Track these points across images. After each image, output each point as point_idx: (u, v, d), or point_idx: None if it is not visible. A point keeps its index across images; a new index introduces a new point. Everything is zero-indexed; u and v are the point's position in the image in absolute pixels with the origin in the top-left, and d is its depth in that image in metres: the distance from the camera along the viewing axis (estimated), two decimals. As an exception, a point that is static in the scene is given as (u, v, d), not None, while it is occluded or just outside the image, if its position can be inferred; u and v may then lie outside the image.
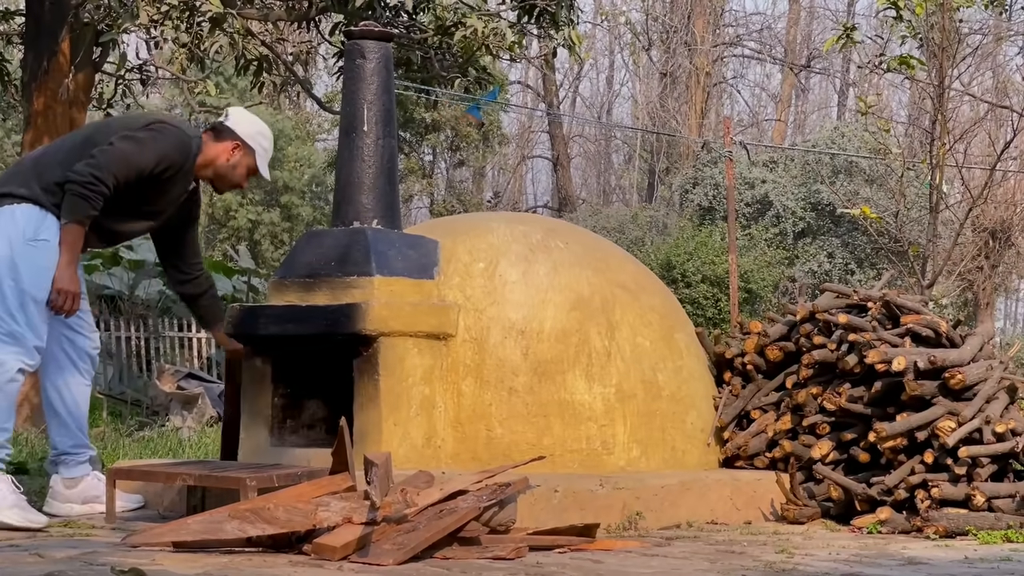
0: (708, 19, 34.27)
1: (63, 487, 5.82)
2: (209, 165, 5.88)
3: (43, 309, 5.49)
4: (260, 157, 5.95)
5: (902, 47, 13.75)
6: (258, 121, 6.04)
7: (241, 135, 5.90)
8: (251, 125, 5.97)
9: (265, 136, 6.00)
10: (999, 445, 6.46)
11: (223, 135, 5.90)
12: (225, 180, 5.96)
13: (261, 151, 5.95)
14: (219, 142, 5.89)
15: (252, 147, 5.92)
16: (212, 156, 5.87)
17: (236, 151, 5.90)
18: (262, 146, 5.96)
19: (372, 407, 6.00)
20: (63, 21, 11.19)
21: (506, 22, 11.56)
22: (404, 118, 27.32)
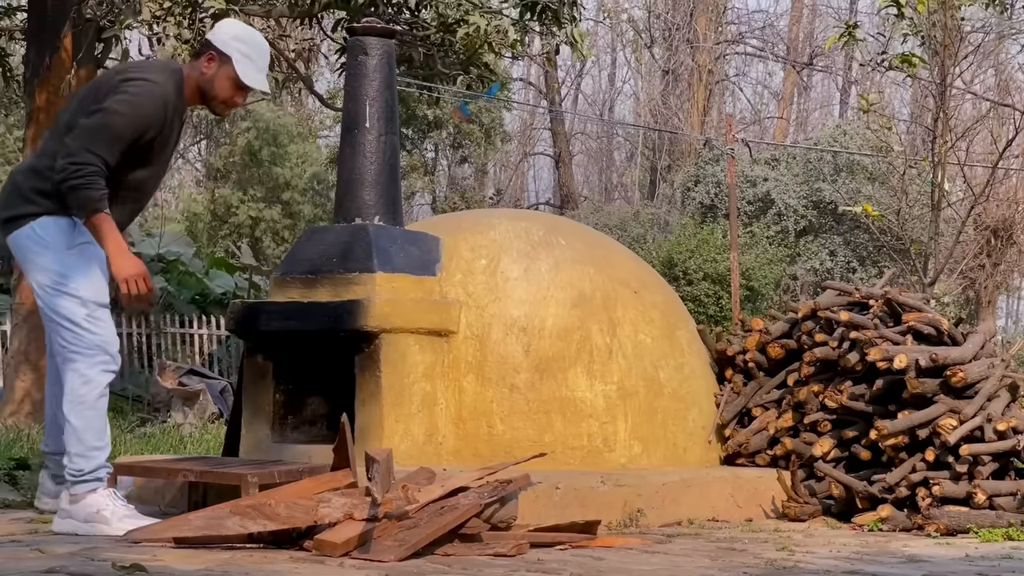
0: (710, 16, 34.25)
1: (51, 482, 5.74)
2: (193, 88, 5.43)
3: (108, 310, 5.33)
4: (240, 63, 5.37)
5: (904, 45, 13.74)
6: (236, 24, 5.60)
7: (214, 42, 5.41)
8: (225, 30, 5.49)
9: (241, 39, 5.44)
10: (1000, 443, 6.46)
11: (200, 51, 5.47)
12: (212, 98, 5.45)
13: (239, 56, 5.38)
14: (196, 60, 5.45)
15: (227, 53, 5.38)
16: (193, 76, 5.42)
17: (211, 62, 5.39)
18: (239, 51, 5.39)
19: (374, 403, 6.01)
20: (66, 17, 11.20)
21: (509, 19, 11.57)
22: (406, 115, 27.32)
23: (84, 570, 4.19)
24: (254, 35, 5.55)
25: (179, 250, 21.05)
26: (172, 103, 5.36)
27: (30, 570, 4.16)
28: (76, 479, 5.29)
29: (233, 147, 29.48)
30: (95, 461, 5.31)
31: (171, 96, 5.35)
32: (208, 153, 33.05)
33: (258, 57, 5.47)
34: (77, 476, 5.29)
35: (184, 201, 31.50)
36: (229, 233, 28.24)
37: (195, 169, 35.18)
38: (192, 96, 5.47)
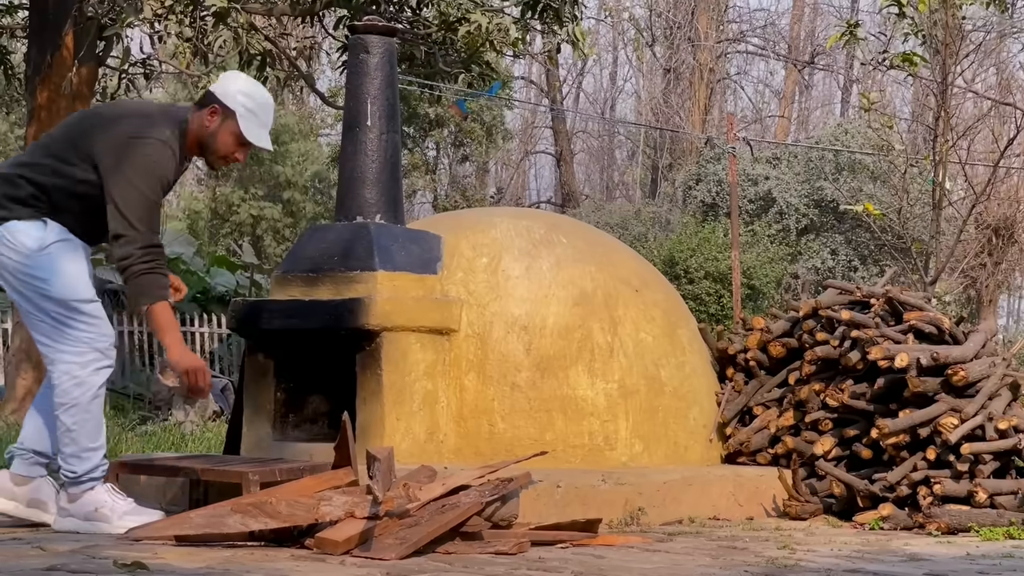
0: (712, 15, 34.25)
1: (10, 482, 5.59)
2: (194, 140, 5.31)
3: (96, 305, 5.23)
4: (244, 119, 5.24)
5: (905, 44, 13.74)
6: (242, 78, 5.38)
7: (218, 95, 5.26)
8: (231, 83, 5.32)
9: (247, 94, 5.29)
10: (1001, 442, 6.46)
11: (203, 101, 5.32)
12: (212, 152, 5.34)
13: (243, 111, 5.25)
14: (199, 111, 5.30)
15: (231, 108, 5.24)
16: (195, 129, 5.29)
17: (214, 116, 5.26)
18: (244, 106, 5.25)
19: (375, 402, 6.01)
20: (67, 15, 11.20)
21: (510, 18, 11.57)
22: (408, 113, 27.32)
23: (85, 568, 4.19)
24: (260, 90, 5.40)
25: (180, 248, 21.04)
26: (178, 156, 5.29)
27: (31, 568, 4.16)
28: (72, 480, 5.26)
29: (234, 145, 29.43)
30: (90, 462, 5.25)
31: (177, 150, 5.27)
32: (209, 151, 32.99)
33: (263, 113, 5.34)
34: (72, 478, 5.26)
35: (185, 199, 31.49)
36: (230, 231, 28.25)
37: (196, 167, 35.16)
38: (192, 147, 5.36)
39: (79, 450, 5.24)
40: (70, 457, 5.25)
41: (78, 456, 5.24)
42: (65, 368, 5.20)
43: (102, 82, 13.26)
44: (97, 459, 5.29)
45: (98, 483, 5.29)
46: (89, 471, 5.26)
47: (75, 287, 5.22)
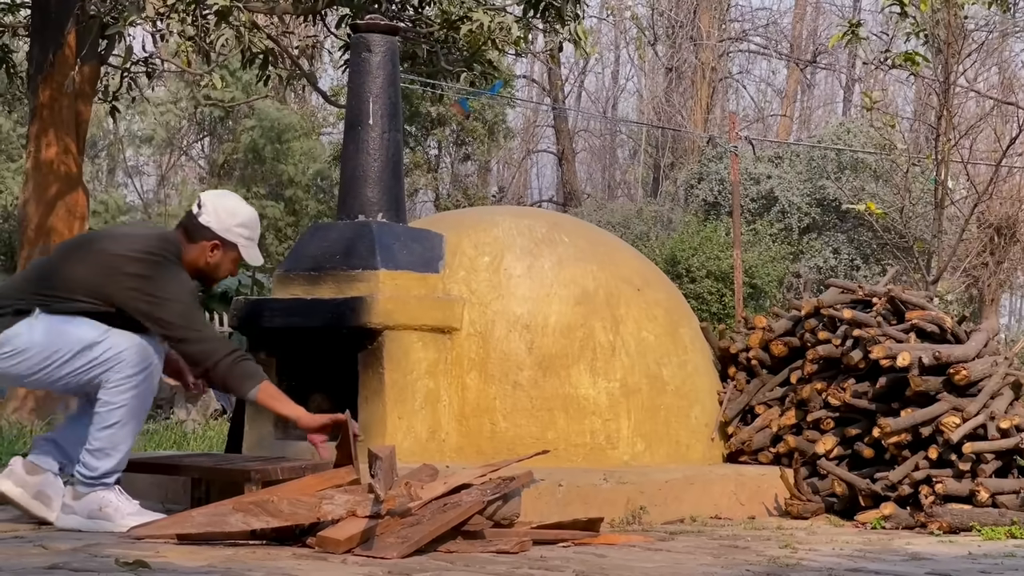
0: (714, 14, 34.26)
1: (23, 470, 5.62)
2: (191, 269, 5.43)
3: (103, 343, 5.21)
4: (244, 248, 5.44)
5: (907, 43, 13.73)
6: (233, 208, 5.48)
7: (217, 232, 5.39)
8: (227, 217, 5.43)
9: (244, 224, 5.46)
10: (1003, 441, 6.46)
11: (197, 235, 5.40)
12: (211, 279, 5.51)
13: (243, 241, 5.43)
14: (195, 243, 5.39)
15: (232, 242, 5.41)
16: (191, 260, 5.40)
17: (215, 251, 5.40)
18: (243, 236, 5.44)
19: (376, 400, 6.01)
20: (69, 14, 11.20)
21: (512, 17, 11.57)
22: (410, 112, 27.32)
23: (87, 566, 4.19)
24: (250, 214, 5.53)
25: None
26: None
27: (33, 566, 4.16)
28: (86, 479, 5.26)
29: (237, 144, 29.51)
30: (112, 460, 5.23)
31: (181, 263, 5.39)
32: (211, 150, 33.06)
33: (257, 234, 5.54)
34: (88, 476, 5.26)
35: (187, 198, 31.51)
36: (233, 230, 28.22)
37: (198, 166, 35.20)
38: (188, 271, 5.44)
39: (110, 446, 5.24)
40: (96, 452, 5.24)
41: (106, 453, 5.24)
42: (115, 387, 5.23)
43: (104, 81, 13.27)
44: (119, 460, 5.29)
45: (109, 486, 5.29)
46: (108, 472, 5.25)
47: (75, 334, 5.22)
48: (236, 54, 12.34)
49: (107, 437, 5.23)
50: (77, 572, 4.07)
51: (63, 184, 11.36)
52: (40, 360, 5.22)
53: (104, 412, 5.21)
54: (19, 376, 5.33)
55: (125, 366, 5.21)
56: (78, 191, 11.51)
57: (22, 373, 5.29)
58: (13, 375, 5.32)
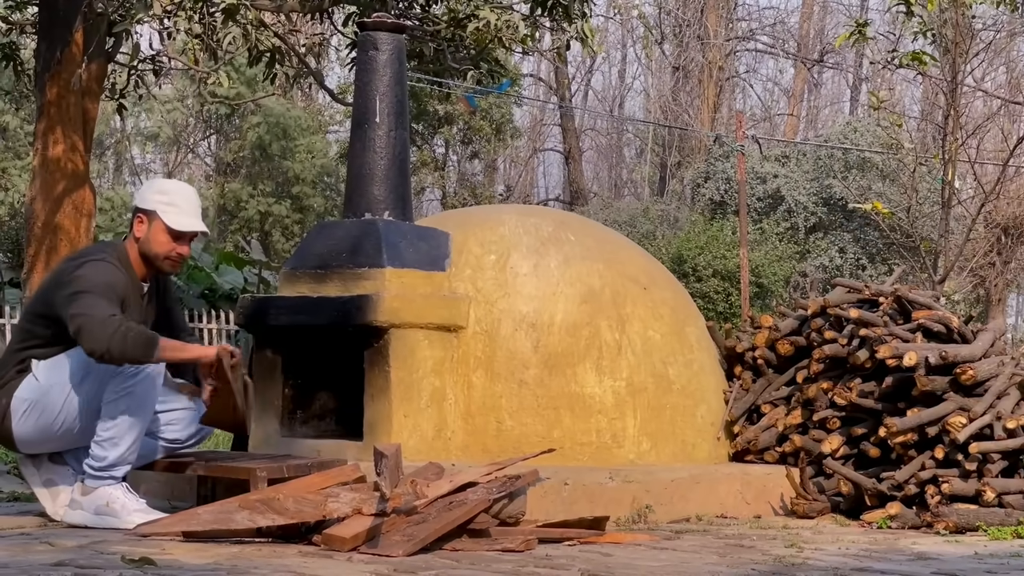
0: (721, 13, 34.22)
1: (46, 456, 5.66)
2: (137, 258, 5.47)
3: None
4: (165, 213, 5.41)
5: (915, 43, 13.73)
6: (156, 181, 5.65)
7: (139, 205, 5.47)
8: (148, 189, 5.53)
9: (161, 191, 5.51)
10: (1010, 441, 6.45)
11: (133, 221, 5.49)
12: (151, 257, 5.45)
13: (162, 207, 5.41)
14: (131, 229, 5.49)
15: (151, 209, 5.41)
16: (133, 247, 5.47)
17: (141, 224, 5.42)
18: (160, 202, 5.43)
19: (383, 399, 6.01)
20: (77, 11, 11.20)
21: (519, 15, 11.56)
22: (417, 110, 27.32)
23: (93, 563, 4.20)
24: (174, 183, 5.62)
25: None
26: (121, 276, 5.39)
27: (39, 563, 4.17)
28: (95, 470, 5.28)
29: (243, 141, 29.52)
30: (120, 448, 5.27)
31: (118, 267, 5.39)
32: (218, 147, 33.09)
33: (184, 202, 5.49)
34: (97, 467, 5.28)
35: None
36: (238, 228, 28.28)
37: (204, 163, 35.23)
38: (139, 265, 5.49)
39: (117, 436, 5.26)
40: (105, 442, 5.27)
41: (114, 442, 5.26)
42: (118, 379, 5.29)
43: (111, 78, 13.27)
44: (126, 449, 5.30)
45: (117, 481, 5.31)
46: (115, 462, 5.27)
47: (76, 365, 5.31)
48: (243, 52, 12.35)
49: (115, 426, 5.26)
50: (83, 569, 4.08)
51: (70, 181, 11.37)
52: (57, 398, 5.31)
53: (111, 402, 5.24)
54: (46, 431, 5.37)
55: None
56: (85, 188, 11.52)
57: (46, 425, 5.34)
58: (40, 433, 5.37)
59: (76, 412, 5.31)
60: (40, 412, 5.29)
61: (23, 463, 5.53)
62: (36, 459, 5.47)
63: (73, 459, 5.49)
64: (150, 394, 5.31)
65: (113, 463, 5.28)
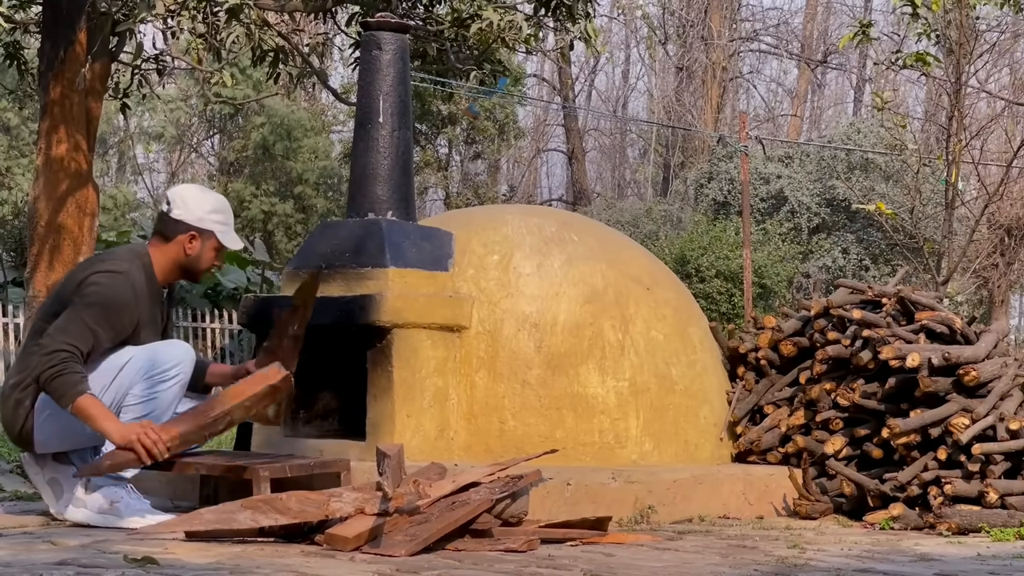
0: (724, 13, 34.24)
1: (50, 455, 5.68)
2: (172, 269, 5.53)
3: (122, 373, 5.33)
4: (221, 234, 5.54)
5: (918, 43, 13.73)
6: (204, 197, 5.60)
7: (191, 223, 5.49)
8: (198, 206, 5.53)
9: (217, 210, 5.57)
10: (1013, 442, 6.45)
11: (173, 231, 5.50)
12: (196, 271, 5.57)
13: (219, 228, 5.53)
14: (171, 241, 5.49)
15: (207, 230, 5.51)
16: (171, 259, 5.51)
17: (193, 241, 5.50)
18: (218, 222, 5.54)
19: (385, 398, 6.01)
20: (81, 10, 11.20)
21: (522, 15, 11.55)
22: (420, 110, 27.33)
23: (95, 562, 4.20)
24: (221, 201, 5.65)
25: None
26: (140, 287, 5.40)
27: (42, 562, 4.17)
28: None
29: (246, 141, 29.52)
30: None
31: (138, 281, 5.39)
32: (221, 147, 33.10)
33: (231, 219, 5.63)
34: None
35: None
36: (241, 228, 28.28)
37: (208, 163, 35.24)
38: (171, 275, 5.55)
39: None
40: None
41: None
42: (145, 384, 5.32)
43: (115, 77, 13.27)
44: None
45: (122, 481, 5.32)
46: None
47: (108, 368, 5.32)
48: (246, 52, 12.33)
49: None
50: (86, 568, 4.08)
51: (73, 180, 11.36)
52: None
53: (131, 405, 5.27)
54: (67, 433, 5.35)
55: (156, 363, 5.30)
56: (88, 187, 11.51)
57: (69, 427, 5.31)
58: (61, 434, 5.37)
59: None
60: (65, 415, 5.28)
61: (27, 461, 5.53)
62: (40, 457, 5.48)
63: (78, 458, 5.50)
64: (172, 403, 5.34)
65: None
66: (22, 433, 5.36)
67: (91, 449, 5.46)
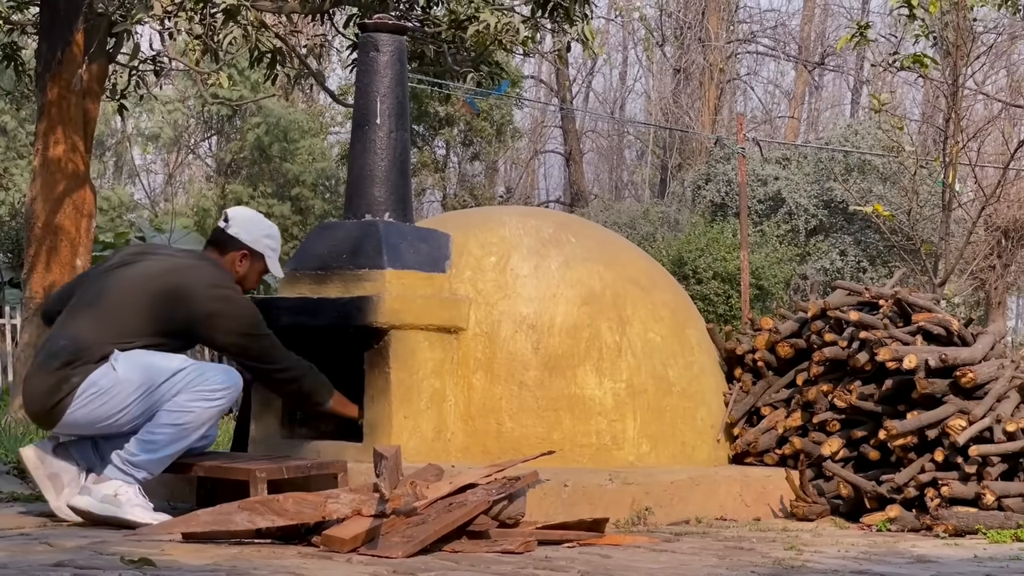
0: (722, 15, 34.23)
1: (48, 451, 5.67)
2: None
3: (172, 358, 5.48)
4: (270, 259, 5.82)
5: (916, 45, 13.73)
6: (261, 221, 5.89)
7: (247, 243, 5.77)
8: (255, 228, 5.82)
9: (271, 236, 5.86)
10: (1010, 444, 6.45)
11: (227, 246, 5.77)
12: (243, 289, 5.80)
13: (270, 252, 5.82)
14: (225, 256, 5.76)
15: (260, 252, 5.80)
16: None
17: (244, 260, 5.78)
18: (270, 247, 5.82)
19: (383, 400, 6.01)
20: (78, 11, 11.20)
21: (519, 17, 11.55)
22: (418, 112, 27.32)
23: (92, 564, 4.20)
24: (274, 227, 5.94)
25: (189, 246, 21.06)
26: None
27: (39, 563, 4.17)
28: (118, 461, 5.34)
29: (243, 142, 29.51)
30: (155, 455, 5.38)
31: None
32: (218, 148, 33.09)
33: (279, 248, 5.92)
34: (121, 459, 5.34)
35: (194, 196, 31.52)
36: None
37: (205, 164, 35.22)
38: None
39: (162, 443, 5.38)
40: (145, 442, 5.37)
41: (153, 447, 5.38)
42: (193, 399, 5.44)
43: (112, 79, 13.26)
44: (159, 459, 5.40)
45: (134, 481, 5.36)
46: (143, 463, 5.36)
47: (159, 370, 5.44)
48: (244, 53, 12.34)
49: (162, 433, 5.38)
50: (83, 569, 4.08)
51: (71, 181, 11.36)
52: (127, 395, 5.37)
53: (173, 411, 5.35)
54: (96, 420, 5.42)
55: (212, 381, 5.43)
56: (85, 188, 11.51)
57: (102, 415, 5.39)
58: (90, 420, 5.42)
59: (136, 413, 5.39)
60: (104, 402, 5.36)
61: (27, 456, 5.54)
62: (41, 452, 5.50)
63: (80, 453, 5.53)
64: (206, 424, 5.44)
65: (139, 464, 5.36)
66: (53, 410, 5.38)
67: (90, 442, 5.49)
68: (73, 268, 11.05)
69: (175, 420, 5.34)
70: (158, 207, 33.04)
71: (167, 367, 5.39)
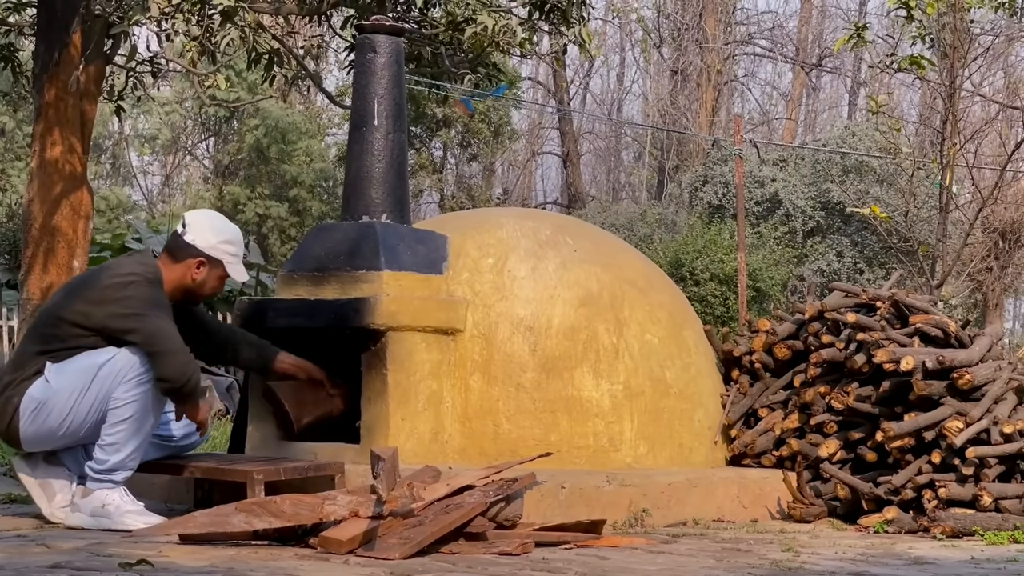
0: (719, 17, 34.23)
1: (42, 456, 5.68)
2: (174, 289, 5.58)
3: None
4: (230, 264, 5.64)
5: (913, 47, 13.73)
6: (221, 227, 5.70)
7: (203, 249, 5.59)
8: (212, 234, 5.62)
9: (230, 241, 5.66)
10: (1007, 446, 6.45)
11: (182, 253, 5.59)
12: (197, 296, 5.69)
13: (228, 258, 5.63)
14: (179, 262, 5.58)
15: (217, 259, 5.61)
16: (176, 279, 5.58)
17: (202, 267, 5.60)
18: (228, 252, 5.63)
19: (380, 401, 6.01)
20: (75, 13, 11.19)
21: (517, 19, 11.55)
22: (415, 113, 27.32)
23: (90, 565, 4.20)
24: (233, 230, 5.75)
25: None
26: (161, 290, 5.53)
27: (36, 565, 4.17)
28: (93, 473, 5.33)
29: (241, 144, 29.52)
30: (122, 454, 5.36)
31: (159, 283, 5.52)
32: (216, 150, 33.09)
33: (241, 251, 5.73)
34: (99, 469, 5.33)
35: (191, 198, 31.53)
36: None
37: (203, 166, 35.22)
38: (174, 294, 5.60)
39: (121, 441, 5.34)
40: (107, 447, 5.35)
41: (116, 448, 5.34)
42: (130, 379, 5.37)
43: (109, 80, 13.25)
44: (128, 455, 5.37)
45: (116, 484, 5.34)
46: (116, 466, 5.34)
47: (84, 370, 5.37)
48: (241, 54, 12.33)
49: (118, 432, 5.32)
50: (80, 571, 4.08)
51: (68, 183, 11.35)
52: (65, 401, 5.35)
53: (116, 408, 5.31)
54: (51, 432, 5.42)
55: (138, 365, 5.33)
56: (83, 190, 11.50)
57: (53, 426, 5.39)
58: (45, 433, 5.42)
59: (83, 415, 5.35)
60: (48, 413, 5.33)
61: (18, 464, 5.55)
62: (32, 460, 5.50)
63: (71, 460, 5.52)
64: (156, 404, 5.37)
65: (113, 467, 5.33)
66: (9, 431, 5.43)
67: (81, 448, 5.49)
68: (70, 270, 11.04)
69: (123, 416, 5.31)
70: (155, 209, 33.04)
71: (93, 364, 5.33)
